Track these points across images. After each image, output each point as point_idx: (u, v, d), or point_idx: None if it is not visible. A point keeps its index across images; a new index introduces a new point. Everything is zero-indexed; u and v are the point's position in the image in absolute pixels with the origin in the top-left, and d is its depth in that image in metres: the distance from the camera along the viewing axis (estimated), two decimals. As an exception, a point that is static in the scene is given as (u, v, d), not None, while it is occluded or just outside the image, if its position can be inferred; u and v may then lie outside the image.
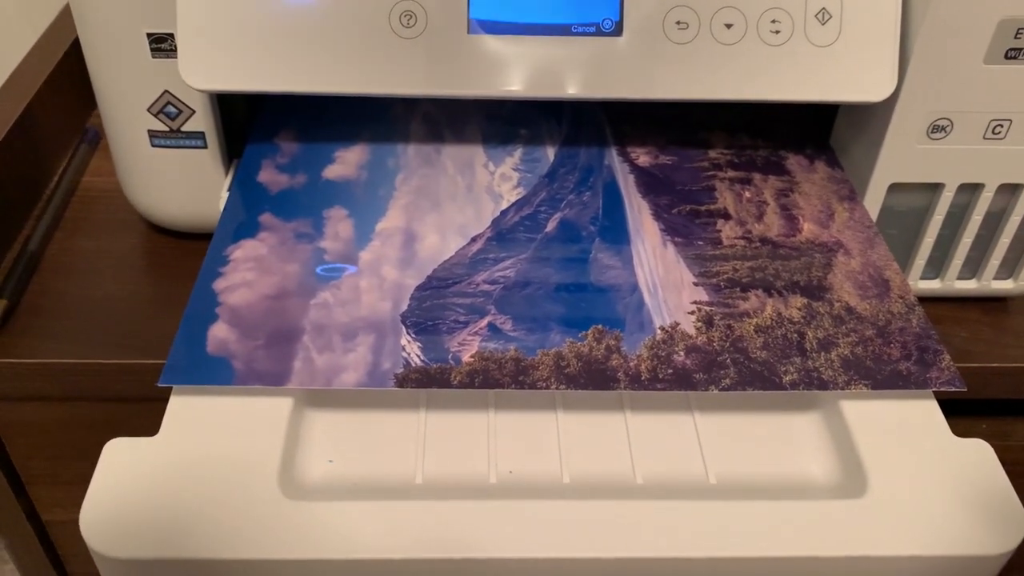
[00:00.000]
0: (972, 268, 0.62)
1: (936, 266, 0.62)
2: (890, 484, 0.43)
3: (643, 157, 0.63)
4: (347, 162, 0.62)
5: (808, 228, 0.57)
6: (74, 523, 0.67)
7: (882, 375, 0.47)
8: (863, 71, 0.54)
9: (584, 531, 0.41)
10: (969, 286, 0.63)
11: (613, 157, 0.63)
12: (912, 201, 0.59)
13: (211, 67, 0.54)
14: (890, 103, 0.55)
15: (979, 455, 0.45)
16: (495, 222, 0.58)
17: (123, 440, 0.43)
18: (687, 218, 0.58)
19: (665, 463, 0.47)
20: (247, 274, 0.52)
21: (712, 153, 0.63)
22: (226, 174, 0.62)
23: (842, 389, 0.47)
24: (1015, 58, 0.53)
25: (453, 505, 0.42)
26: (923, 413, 0.47)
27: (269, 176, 0.60)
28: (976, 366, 0.60)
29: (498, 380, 0.47)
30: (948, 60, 0.53)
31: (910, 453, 0.45)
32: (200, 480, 0.42)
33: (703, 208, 0.58)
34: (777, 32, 0.54)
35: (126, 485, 0.41)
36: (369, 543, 0.40)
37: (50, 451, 0.63)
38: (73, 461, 0.63)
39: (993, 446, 0.45)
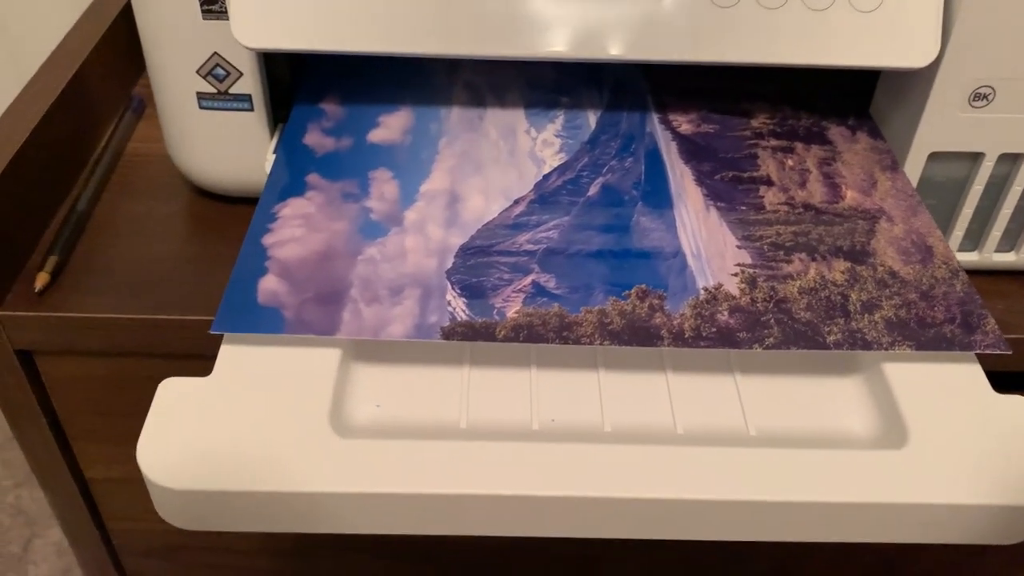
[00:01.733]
0: (1011, 241, 0.62)
1: (974, 238, 0.62)
2: (930, 436, 0.44)
3: (685, 125, 0.63)
4: (391, 127, 0.62)
5: (851, 195, 0.57)
6: (115, 481, 0.69)
7: (926, 337, 0.47)
8: (906, 37, 0.54)
9: (624, 473, 0.42)
10: (1008, 259, 0.63)
11: (655, 125, 0.64)
12: (952, 171, 0.59)
13: (262, 26, 0.55)
14: (932, 70, 0.55)
15: (1020, 410, 0.45)
16: (537, 185, 0.58)
17: (178, 379, 0.44)
18: (730, 184, 0.58)
19: (705, 416, 0.47)
20: (295, 230, 0.53)
21: (754, 122, 0.64)
22: (271, 137, 0.62)
23: (886, 349, 0.47)
24: (1061, 26, 0.53)
25: (497, 446, 0.42)
26: (965, 374, 0.47)
27: (315, 139, 0.61)
28: (1013, 337, 0.59)
29: (542, 335, 0.47)
30: (992, 27, 0.53)
31: (951, 408, 0.45)
32: (252, 417, 0.43)
33: (746, 175, 0.59)
34: (822, -3, 0.55)
35: (182, 420, 0.42)
36: (418, 478, 0.41)
37: (94, 406, 0.64)
38: (117, 418, 0.64)
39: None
